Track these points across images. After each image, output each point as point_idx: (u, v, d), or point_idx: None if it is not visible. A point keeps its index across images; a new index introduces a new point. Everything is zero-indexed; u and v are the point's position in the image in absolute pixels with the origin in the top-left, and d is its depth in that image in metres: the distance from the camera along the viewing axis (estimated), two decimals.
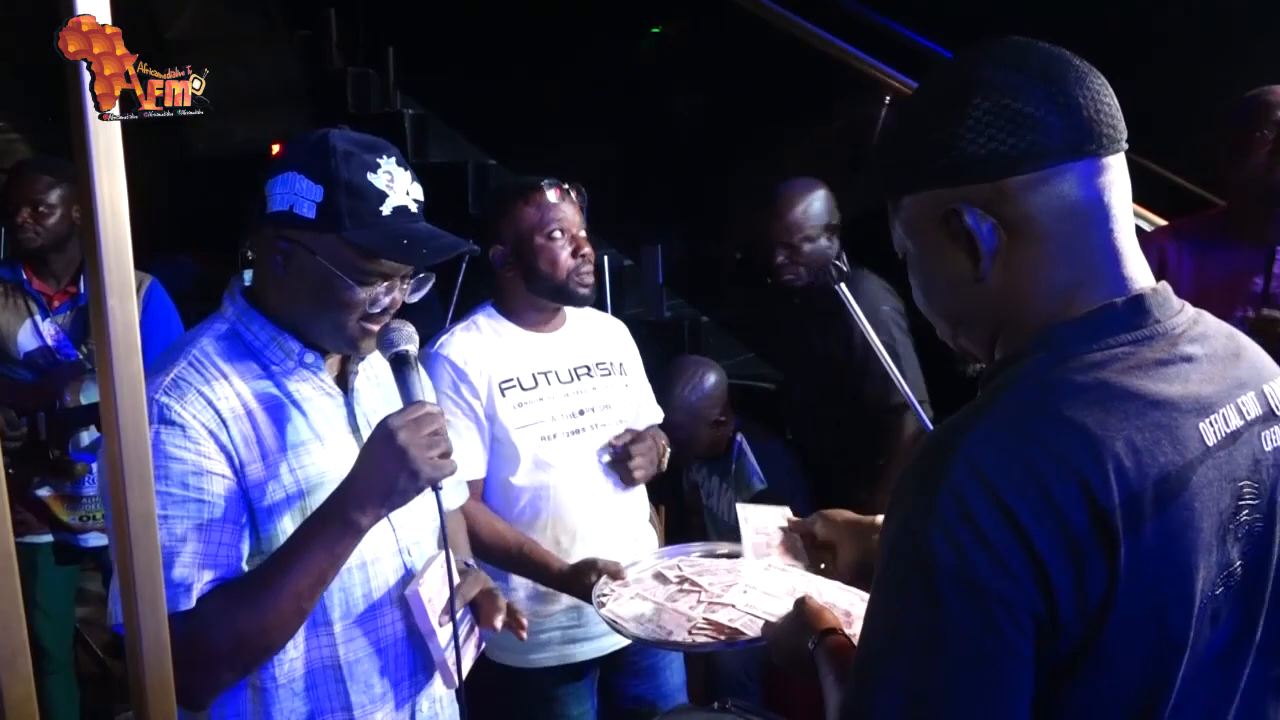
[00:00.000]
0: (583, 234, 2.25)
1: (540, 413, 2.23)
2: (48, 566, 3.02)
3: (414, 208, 1.45)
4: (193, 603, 1.31)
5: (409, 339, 1.45)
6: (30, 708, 0.62)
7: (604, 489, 2.29)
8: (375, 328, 1.45)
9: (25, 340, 2.92)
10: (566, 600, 2.20)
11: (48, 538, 3.00)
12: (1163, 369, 0.93)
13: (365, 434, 1.47)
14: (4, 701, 0.61)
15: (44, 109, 4.64)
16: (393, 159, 1.44)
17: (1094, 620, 0.86)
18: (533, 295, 2.25)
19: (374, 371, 1.59)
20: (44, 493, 2.96)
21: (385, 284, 1.43)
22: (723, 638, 1.70)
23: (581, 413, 2.27)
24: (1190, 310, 1.00)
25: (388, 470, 1.32)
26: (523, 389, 2.23)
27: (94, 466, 2.92)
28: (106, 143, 0.66)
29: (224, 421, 1.38)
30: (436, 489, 1.37)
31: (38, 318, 2.93)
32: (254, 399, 1.43)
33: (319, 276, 1.41)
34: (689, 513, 3.21)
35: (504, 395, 2.21)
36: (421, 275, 1.50)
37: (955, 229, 0.96)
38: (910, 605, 0.88)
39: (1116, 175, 0.96)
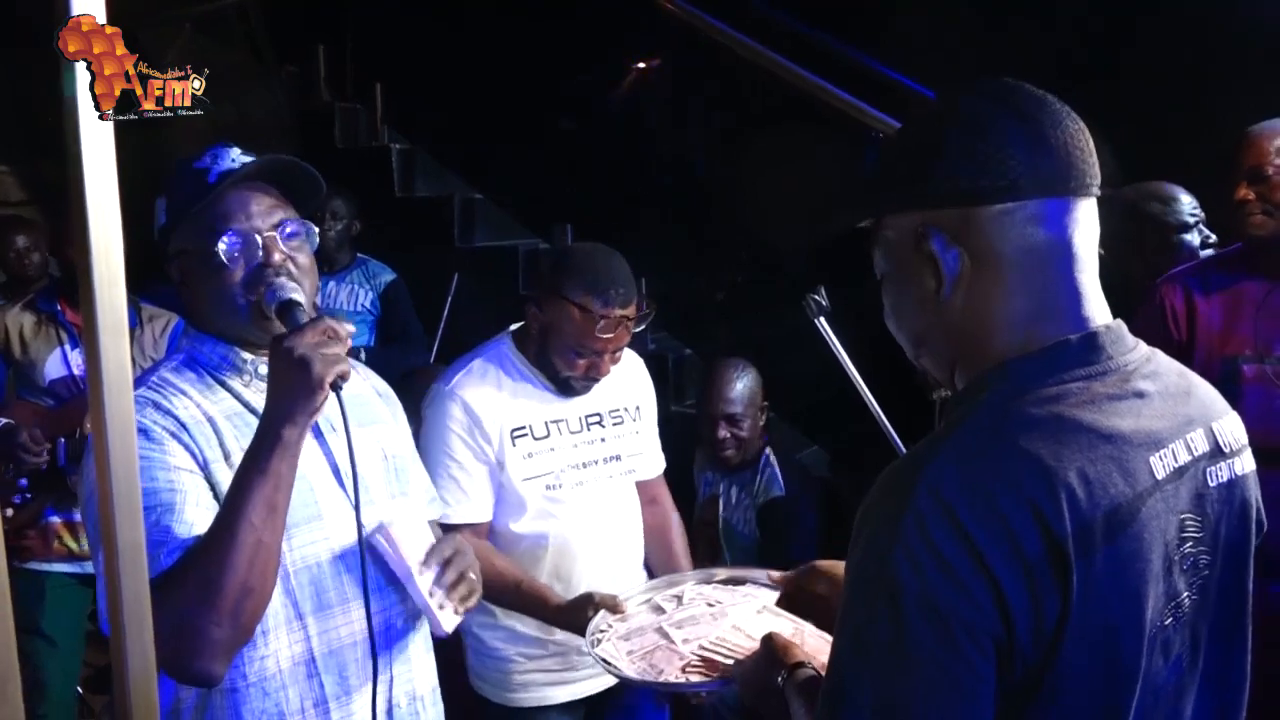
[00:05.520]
0: (617, 351, 2.19)
1: (550, 464, 2.21)
2: (56, 595, 3.00)
3: (241, 166, 1.50)
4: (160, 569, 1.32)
5: (292, 289, 1.47)
6: None
7: (602, 539, 2.28)
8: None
9: (52, 368, 3.03)
10: (559, 639, 2.19)
11: (57, 566, 3.00)
12: (1115, 404, 0.96)
13: (326, 438, 1.53)
14: None
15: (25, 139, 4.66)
16: (219, 147, 1.53)
17: (1049, 645, 0.89)
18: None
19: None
20: (54, 519, 2.99)
21: (244, 239, 1.47)
22: (715, 675, 1.66)
23: (586, 465, 2.26)
24: (1144, 348, 1.04)
25: (288, 376, 1.36)
26: (534, 438, 2.20)
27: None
28: (104, 189, 0.68)
29: (184, 425, 1.44)
30: (337, 389, 1.39)
31: (67, 347, 3.03)
32: (215, 409, 1.48)
33: (195, 266, 1.50)
34: (703, 524, 3.26)
35: (514, 445, 2.18)
36: (299, 223, 1.52)
37: (924, 251, 1.00)
38: (876, 627, 0.90)
39: (1084, 218, 1.00)
